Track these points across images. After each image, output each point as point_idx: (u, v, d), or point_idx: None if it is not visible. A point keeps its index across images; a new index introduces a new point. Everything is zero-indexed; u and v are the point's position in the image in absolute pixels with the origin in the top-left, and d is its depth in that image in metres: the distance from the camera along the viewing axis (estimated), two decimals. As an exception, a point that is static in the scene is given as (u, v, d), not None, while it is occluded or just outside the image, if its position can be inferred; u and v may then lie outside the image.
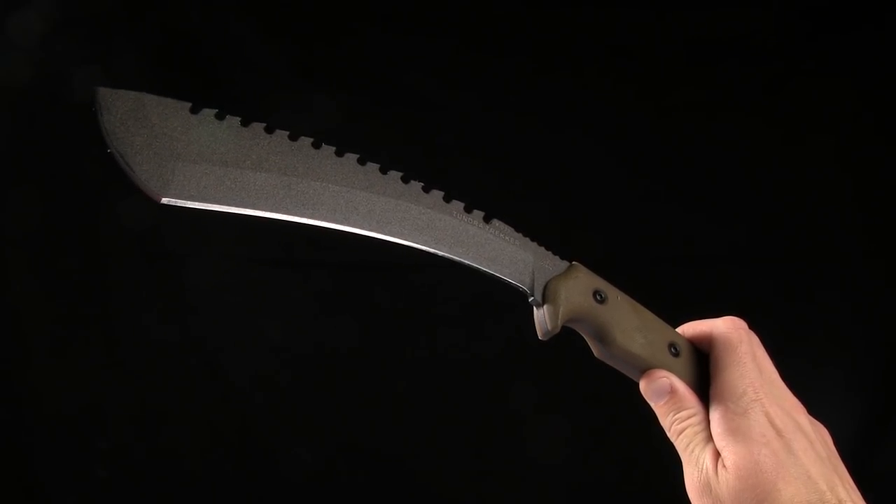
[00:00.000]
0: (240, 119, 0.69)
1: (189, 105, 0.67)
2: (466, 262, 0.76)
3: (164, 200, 0.66)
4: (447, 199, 0.75)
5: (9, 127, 1.65)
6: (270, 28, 1.68)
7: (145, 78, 1.63)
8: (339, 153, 0.72)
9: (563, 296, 0.78)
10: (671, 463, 0.81)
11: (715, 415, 0.77)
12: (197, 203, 0.67)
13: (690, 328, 0.83)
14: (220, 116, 0.68)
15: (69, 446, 1.69)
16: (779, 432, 0.74)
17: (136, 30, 1.66)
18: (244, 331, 1.71)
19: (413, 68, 1.70)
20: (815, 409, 0.80)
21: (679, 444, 0.79)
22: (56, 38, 1.61)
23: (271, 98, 1.67)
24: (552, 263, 0.79)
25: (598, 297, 0.79)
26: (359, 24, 1.70)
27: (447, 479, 1.73)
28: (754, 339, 0.80)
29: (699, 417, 0.79)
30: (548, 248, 0.80)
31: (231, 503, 1.73)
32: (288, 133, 0.70)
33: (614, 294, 0.80)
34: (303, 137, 0.71)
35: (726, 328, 0.80)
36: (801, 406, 0.79)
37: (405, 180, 0.74)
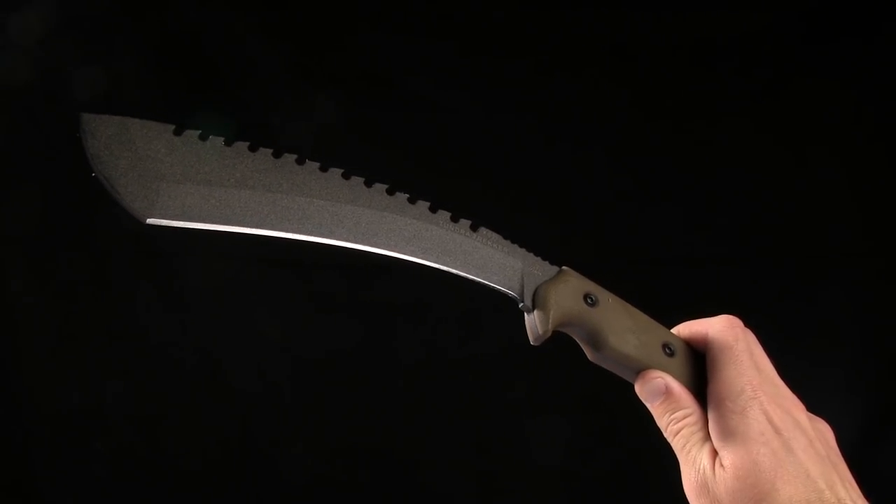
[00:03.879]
0: (223, 139, 0.71)
1: (172, 127, 0.69)
2: (455, 271, 0.78)
3: (150, 221, 0.68)
4: (433, 209, 0.77)
5: (9, 127, 1.67)
6: (270, 28, 1.69)
7: (145, 78, 1.65)
8: (324, 168, 0.74)
9: (553, 300, 0.79)
10: (669, 464, 0.82)
11: (712, 414, 0.78)
12: (182, 222, 0.69)
13: (686, 328, 0.84)
14: (203, 137, 0.70)
15: (68, 446, 1.71)
16: (777, 431, 0.75)
17: (137, 30, 1.67)
18: (243, 330, 1.72)
19: (413, 69, 1.71)
20: (814, 409, 0.80)
21: (676, 445, 0.80)
22: (56, 38, 1.63)
23: (271, 98, 1.69)
24: (541, 269, 0.80)
25: (589, 301, 0.80)
26: (359, 25, 1.71)
27: (447, 479, 1.74)
28: (751, 337, 0.80)
29: (695, 417, 0.79)
30: (537, 254, 0.81)
31: (231, 502, 1.76)
32: (272, 150, 0.72)
33: (605, 297, 0.81)
34: (286, 154, 0.73)
35: (722, 327, 0.81)
36: (800, 403, 0.79)
37: (390, 192, 0.76)
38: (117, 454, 1.71)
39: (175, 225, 0.69)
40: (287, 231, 0.72)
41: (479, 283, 0.79)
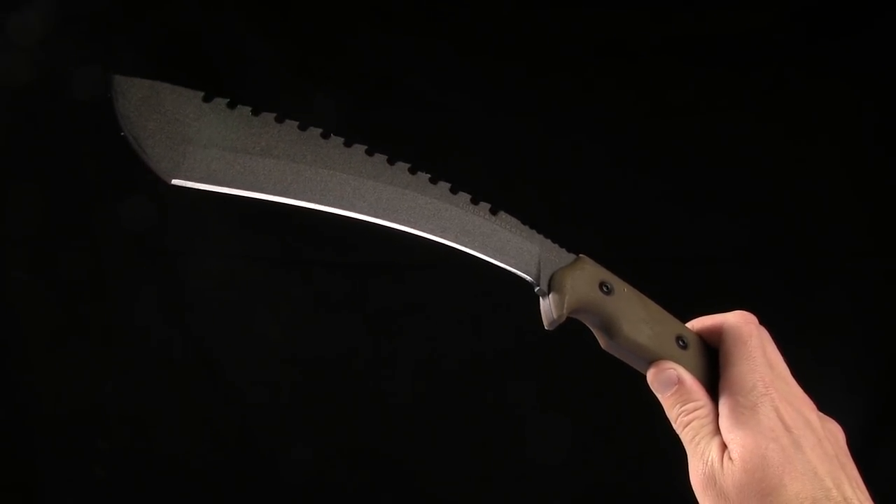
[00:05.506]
0: (251, 108, 0.73)
1: (202, 94, 0.71)
2: (472, 251, 0.79)
3: (175, 182, 0.70)
4: (454, 190, 0.79)
5: (9, 127, 1.67)
6: (271, 28, 1.71)
7: (145, 77, 1.65)
8: (348, 144, 0.75)
9: (569, 286, 0.80)
10: (676, 459, 0.83)
11: (724, 408, 0.79)
12: (205, 185, 0.71)
13: (699, 323, 0.85)
14: (231, 105, 0.72)
15: (68, 446, 1.71)
16: (787, 428, 0.76)
17: (137, 29, 1.68)
18: (243, 330, 1.73)
19: (413, 68, 1.73)
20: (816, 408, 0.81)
21: (685, 437, 0.80)
22: (56, 38, 1.63)
23: (271, 97, 1.69)
24: (558, 255, 0.82)
25: (605, 289, 0.82)
26: (359, 24, 1.72)
27: (448, 479, 1.75)
28: (765, 334, 0.82)
29: (706, 410, 0.80)
30: (554, 242, 0.82)
31: (230, 503, 1.76)
32: (298, 123, 0.74)
33: (621, 286, 0.83)
34: (312, 128, 0.75)
35: (736, 322, 0.82)
36: (811, 402, 0.80)
37: (412, 171, 0.78)
38: (117, 454, 1.72)
39: (199, 187, 0.70)
40: (308, 201, 0.74)
41: (495, 265, 0.80)
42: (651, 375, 0.83)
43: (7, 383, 1.69)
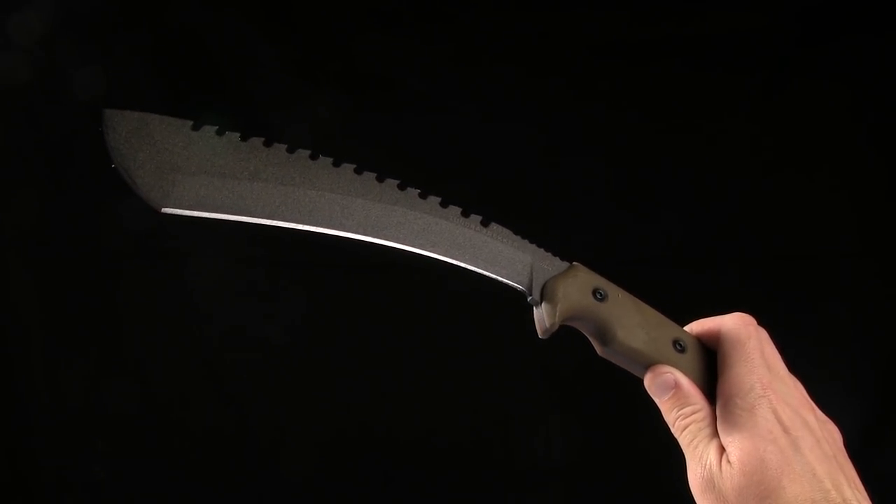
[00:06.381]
0: (239, 134, 0.74)
1: (191, 123, 0.73)
2: (463, 264, 0.80)
3: (165, 210, 0.72)
4: (444, 204, 0.80)
5: (9, 127, 1.69)
6: (271, 28, 1.71)
7: (145, 78, 1.66)
8: (336, 164, 0.77)
9: (562, 294, 0.81)
10: (674, 462, 0.84)
11: (721, 410, 0.79)
12: (195, 212, 0.73)
13: (698, 325, 0.85)
14: (220, 132, 0.74)
15: (69, 446, 1.73)
16: (786, 429, 0.76)
17: (137, 30, 1.69)
18: (244, 330, 1.75)
19: (413, 71, 1.74)
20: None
21: (683, 440, 0.81)
22: (56, 38, 1.65)
23: (272, 98, 1.71)
24: (551, 264, 0.82)
25: (598, 296, 0.82)
26: (360, 26, 1.73)
27: (448, 479, 1.76)
28: (763, 335, 0.82)
29: (704, 413, 0.80)
30: (547, 250, 0.83)
31: (231, 502, 1.77)
32: (286, 146, 0.76)
33: (615, 292, 0.83)
34: (300, 150, 0.76)
35: (734, 324, 0.82)
36: (811, 403, 0.80)
37: (401, 187, 0.78)
38: (117, 454, 1.74)
39: (189, 214, 0.72)
40: (297, 222, 0.75)
41: (487, 276, 0.81)
42: (648, 380, 0.83)
43: (7, 384, 1.71)
